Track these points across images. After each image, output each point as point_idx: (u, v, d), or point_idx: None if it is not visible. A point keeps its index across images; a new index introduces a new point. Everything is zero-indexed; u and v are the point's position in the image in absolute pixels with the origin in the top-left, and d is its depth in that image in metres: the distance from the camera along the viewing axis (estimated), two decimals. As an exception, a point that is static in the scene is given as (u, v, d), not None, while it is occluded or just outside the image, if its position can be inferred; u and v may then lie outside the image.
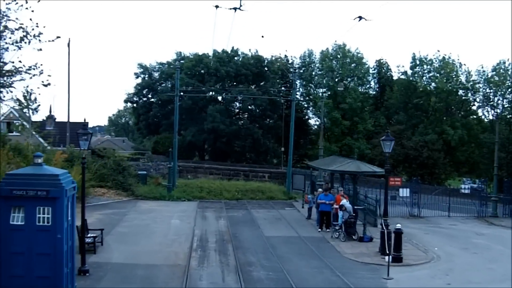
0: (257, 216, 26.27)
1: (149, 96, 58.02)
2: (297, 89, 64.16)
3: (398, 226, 16.83)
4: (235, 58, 55.85)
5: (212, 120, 49.94)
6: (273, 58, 59.72)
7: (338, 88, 32.29)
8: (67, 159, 31.50)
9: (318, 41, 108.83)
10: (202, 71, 54.27)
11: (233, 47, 55.96)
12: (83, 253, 14.34)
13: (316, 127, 69.08)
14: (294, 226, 23.23)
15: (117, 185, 33.13)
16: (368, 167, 21.80)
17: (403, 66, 77.04)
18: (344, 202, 19.99)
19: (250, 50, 57.30)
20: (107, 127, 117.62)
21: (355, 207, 19.73)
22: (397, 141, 56.75)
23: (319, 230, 21.35)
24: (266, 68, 55.89)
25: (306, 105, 64.50)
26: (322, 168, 22.84)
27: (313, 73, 65.12)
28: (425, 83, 62.37)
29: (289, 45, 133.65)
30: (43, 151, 27.27)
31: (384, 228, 16.37)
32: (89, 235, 16.95)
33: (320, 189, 23.49)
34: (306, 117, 65.09)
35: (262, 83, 53.62)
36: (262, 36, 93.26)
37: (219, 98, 57.06)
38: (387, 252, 15.77)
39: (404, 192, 31.26)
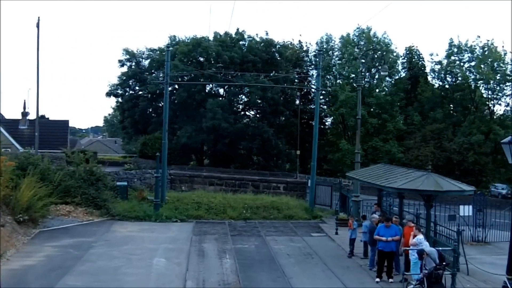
0: (276, 250, 20.05)
1: (136, 88, 51.92)
2: (313, 80, 58.57)
3: None
4: (240, 42, 49.76)
5: (212, 117, 43.86)
6: (285, 43, 53.66)
7: (382, 73, 25.92)
8: (20, 167, 25.61)
9: (337, 24, 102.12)
10: (201, 58, 48.28)
11: (237, 29, 50.15)
12: None
13: (333, 125, 63.24)
14: (334, 269, 17.03)
15: (88, 201, 27.27)
16: (452, 183, 15.48)
17: (437, 55, 71.61)
18: (420, 239, 13.74)
19: (257, 35, 51.35)
20: (103, 127, 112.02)
21: (439, 248, 13.39)
22: (436, 142, 51.22)
23: (378, 280, 15.03)
24: (277, 54, 49.72)
25: (323, 99, 58.25)
26: (378, 185, 16.46)
27: (332, 61, 59.11)
28: (467, 73, 56.07)
29: (303, 29, 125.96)
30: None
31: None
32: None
33: (375, 215, 17.14)
34: (323, 113, 58.83)
35: (272, 73, 47.39)
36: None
37: (221, 91, 50.94)
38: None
39: (466, 210, 25.55)
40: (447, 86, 58.91)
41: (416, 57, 62.66)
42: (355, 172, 21.32)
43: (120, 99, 52.08)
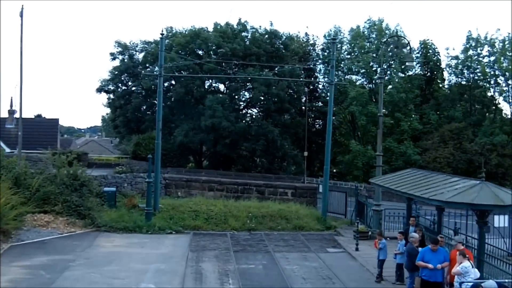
0: (289, 272, 17.39)
1: (129, 83, 49.19)
2: (321, 76, 56.04)
3: None
4: (243, 34, 47.06)
5: (212, 115, 41.16)
6: (291, 36, 50.89)
7: (407, 64, 23.18)
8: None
9: (346, 17, 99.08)
10: (200, 52, 45.55)
11: (239, 19, 47.31)
12: None
13: (341, 124, 60.54)
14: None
15: (70, 210, 24.81)
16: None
17: (453, 49, 69.03)
18: (467, 268, 11.12)
19: (260, 27, 48.70)
20: (101, 127, 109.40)
21: (504, 281, 10.65)
22: (456, 143, 48.51)
23: (420, 316, 12.22)
24: (283, 47, 47.02)
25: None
26: (418, 197, 13.72)
27: (341, 56, 56.39)
28: (487, 69, 53.34)
29: (310, 22, 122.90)
30: None
31: None
32: None
33: (415, 234, 14.34)
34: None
35: (277, 68, 44.67)
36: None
37: (221, 87, 48.23)
38: None
39: (501, 221, 23.00)
40: (464, 83, 56.19)
41: (431, 51, 59.87)
42: (381, 179, 18.55)
43: (112, 96, 49.37)
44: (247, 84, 46.05)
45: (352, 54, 57.01)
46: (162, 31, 26.41)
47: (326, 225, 26.73)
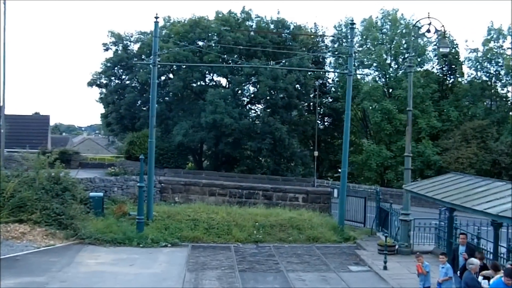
0: (308, 299, 14.53)
1: (123, 76, 46.45)
2: (330, 69, 53.39)
3: None
4: (247, 23, 44.33)
5: (213, 110, 38.45)
6: (299, 25, 48.11)
7: (441, 50, 20.42)
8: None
9: (356, 7, 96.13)
10: (199, 42, 42.78)
11: (243, 8, 44.49)
12: None
13: (352, 122, 57.79)
14: None
15: (50, 219, 22.46)
16: None
17: (473, 41, 66.20)
18: None
19: (265, 17, 45.95)
20: (100, 125, 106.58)
21: None
22: (479, 142, 45.71)
23: None
24: (291, 37, 44.30)
25: (341, 91, 52.80)
26: (481, 212, 10.89)
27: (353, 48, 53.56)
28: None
29: (319, 12, 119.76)
30: None
31: None
32: None
33: (474, 260, 11.45)
34: (341, 109, 53.30)
35: (284, 61, 41.88)
36: None
37: (223, 82, 45.56)
38: None
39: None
40: (484, 78, 53.36)
41: (449, 43, 57.06)
42: (418, 186, 15.72)
43: (104, 90, 46.63)
44: (251, 78, 43.35)
45: (364, 46, 54.28)
46: (157, 15, 23.60)
47: (344, 236, 24.18)
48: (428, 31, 20.63)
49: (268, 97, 42.97)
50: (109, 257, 19.25)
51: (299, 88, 44.91)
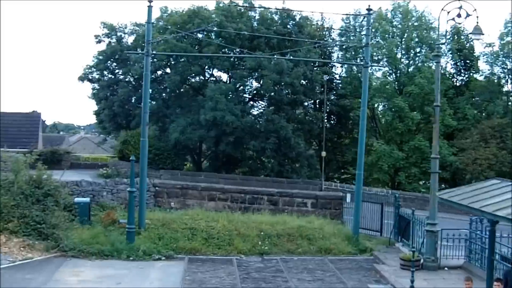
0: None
1: (117, 71, 44.32)
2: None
3: None
4: (250, 13, 42.19)
5: (214, 107, 36.28)
6: (306, 16, 46.09)
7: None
8: None
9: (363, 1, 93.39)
10: (199, 35, 40.62)
11: (246, -4, 42.28)
12: None
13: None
14: None
15: (29, 228, 20.46)
16: None
17: (488, 35, 64.23)
18: None
19: (269, 8, 43.78)
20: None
21: None
22: (498, 142, 43.63)
23: None
24: (297, 28, 42.17)
25: (350, 87, 50.82)
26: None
27: (362, 42, 51.56)
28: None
29: (325, 5, 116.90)
30: None
31: None
32: None
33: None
34: (348, 106, 51.33)
35: (288, 55, 39.74)
36: None
37: (224, 77, 43.46)
38: None
39: None
40: (501, 74, 51.47)
41: (463, 37, 55.01)
42: (457, 194, 13.48)
43: (96, 85, 44.50)
44: (254, 72, 41.22)
45: (373, 39, 52.32)
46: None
47: (360, 247, 22.15)
48: (459, 15, 18.51)
49: (272, 93, 40.79)
50: (94, 273, 17.21)
51: (306, 84, 42.82)
